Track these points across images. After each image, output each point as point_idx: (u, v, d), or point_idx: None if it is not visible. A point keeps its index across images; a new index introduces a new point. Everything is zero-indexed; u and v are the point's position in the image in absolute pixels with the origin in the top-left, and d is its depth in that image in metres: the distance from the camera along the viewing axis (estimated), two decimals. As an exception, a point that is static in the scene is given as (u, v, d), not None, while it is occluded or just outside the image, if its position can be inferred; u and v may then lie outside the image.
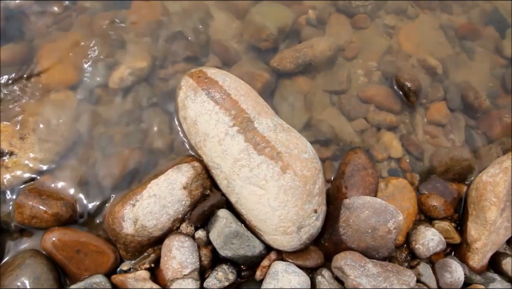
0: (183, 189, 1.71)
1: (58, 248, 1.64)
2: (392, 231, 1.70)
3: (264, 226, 1.66)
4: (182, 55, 2.12)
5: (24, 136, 1.83)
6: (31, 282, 1.56)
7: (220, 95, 1.75)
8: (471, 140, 2.21)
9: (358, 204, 1.73)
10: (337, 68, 2.26)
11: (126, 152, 1.89)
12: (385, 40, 2.40)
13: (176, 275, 1.63)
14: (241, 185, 1.65)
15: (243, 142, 1.66)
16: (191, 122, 1.79)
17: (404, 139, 2.15)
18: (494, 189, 1.88)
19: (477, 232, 1.90)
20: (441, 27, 2.48)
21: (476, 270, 1.90)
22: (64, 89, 1.97)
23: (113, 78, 2.01)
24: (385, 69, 2.30)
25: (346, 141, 2.09)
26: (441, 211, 1.97)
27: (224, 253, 1.68)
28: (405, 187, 1.98)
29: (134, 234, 1.66)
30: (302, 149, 1.69)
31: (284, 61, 2.15)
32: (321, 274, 1.69)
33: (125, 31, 2.15)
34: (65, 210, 1.71)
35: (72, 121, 1.91)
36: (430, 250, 1.84)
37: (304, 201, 1.64)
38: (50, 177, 1.79)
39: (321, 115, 2.14)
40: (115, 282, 1.64)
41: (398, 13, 2.49)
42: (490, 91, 2.32)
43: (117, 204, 1.71)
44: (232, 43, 2.22)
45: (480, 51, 2.45)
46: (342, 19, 2.41)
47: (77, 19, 2.15)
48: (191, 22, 2.22)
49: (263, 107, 1.79)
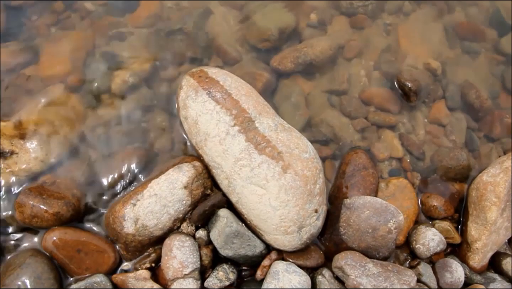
0: (184, 189, 1.71)
1: (59, 247, 1.65)
2: (393, 231, 1.70)
3: (264, 226, 1.66)
4: (183, 55, 2.12)
5: (25, 136, 1.83)
6: (32, 281, 1.56)
7: (221, 95, 1.75)
8: (471, 140, 2.20)
9: (358, 203, 1.73)
10: (338, 68, 2.26)
11: (127, 151, 1.89)
12: (386, 40, 2.40)
13: (177, 274, 1.63)
14: (242, 184, 1.65)
15: (244, 142, 1.66)
16: (192, 122, 1.79)
17: (405, 139, 2.15)
18: (495, 189, 1.88)
19: (477, 232, 1.91)
20: (441, 27, 2.48)
21: (476, 270, 1.90)
22: (66, 88, 1.97)
23: (115, 78, 2.01)
24: (386, 69, 2.29)
25: (347, 141, 2.09)
26: (442, 211, 1.97)
27: (224, 252, 1.68)
28: (405, 187, 1.98)
29: (135, 234, 1.66)
30: (303, 149, 1.69)
31: (285, 61, 2.15)
32: (322, 274, 1.69)
33: (127, 32, 2.15)
34: (65, 209, 1.71)
35: (73, 121, 1.91)
36: (430, 250, 1.85)
37: (304, 200, 1.64)
38: (51, 176, 1.80)
39: (322, 115, 2.14)
40: (116, 282, 1.64)
41: (398, 13, 2.49)
42: (490, 91, 2.32)
43: (117, 203, 1.71)
44: (233, 43, 2.22)
45: (480, 51, 2.44)
46: (343, 20, 2.40)
47: (78, 20, 2.16)
48: (192, 22, 2.22)
49: (264, 107, 1.79)
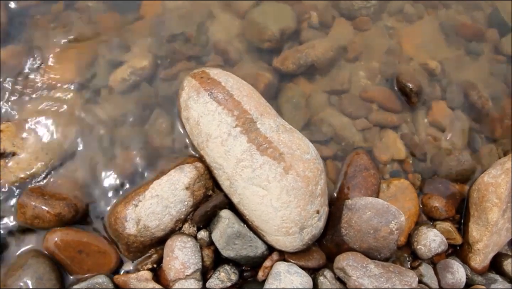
0: (185, 190, 1.71)
1: (61, 248, 1.64)
2: (394, 231, 1.70)
3: (266, 227, 1.66)
4: (185, 56, 2.12)
5: (27, 136, 1.83)
6: (34, 282, 1.56)
7: (222, 96, 1.75)
8: (473, 141, 2.20)
9: (360, 204, 1.73)
10: (339, 69, 2.26)
11: (128, 152, 1.89)
12: (387, 41, 2.40)
13: (179, 275, 1.63)
14: (243, 185, 1.65)
15: (245, 143, 1.66)
16: (193, 123, 1.79)
17: (406, 140, 2.15)
18: (496, 190, 1.88)
19: (478, 233, 1.91)
20: (442, 28, 2.48)
21: (477, 271, 1.90)
22: (67, 89, 1.97)
23: (116, 78, 2.01)
24: (387, 70, 2.29)
25: (348, 142, 2.09)
26: (443, 212, 1.97)
27: (226, 253, 1.68)
28: (407, 188, 1.98)
29: (137, 234, 1.66)
30: (305, 150, 1.69)
31: (287, 62, 2.15)
32: (323, 275, 1.69)
33: (128, 31, 2.15)
34: (67, 210, 1.70)
35: (74, 122, 1.91)
36: (432, 251, 1.85)
37: (306, 201, 1.64)
38: (53, 177, 1.79)
39: (323, 115, 2.14)
40: (118, 283, 1.64)
41: (399, 14, 2.49)
42: (492, 92, 2.32)
43: (119, 204, 1.71)
44: (235, 44, 2.22)
45: (481, 52, 2.44)
46: (344, 21, 2.40)
47: (79, 19, 2.15)
48: (193, 22, 2.22)
49: (265, 108, 1.79)
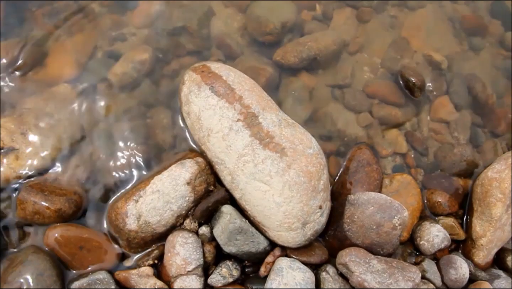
0: (186, 185, 1.70)
1: (61, 244, 1.64)
2: (397, 227, 1.69)
3: (268, 222, 1.65)
4: (185, 50, 2.10)
5: (26, 132, 1.81)
6: (34, 278, 1.55)
7: (224, 90, 1.73)
8: (476, 135, 2.19)
9: (363, 200, 1.72)
10: (342, 63, 2.23)
11: (129, 148, 1.87)
12: (390, 34, 2.37)
13: (180, 271, 1.62)
14: (245, 180, 1.64)
15: (247, 137, 1.65)
16: (194, 117, 1.77)
17: (409, 135, 2.13)
18: (500, 185, 1.86)
19: (482, 228, 1.89)
20: (447, 20, 2.45)
21: (481, 266, 1.90)
22: (66, 84, 1.96)
23: (115, 72, 1.99)
24: (390, 64, 2.27)
25: (351, 137, 2.07)
26: (446, 207, 1.96)
27: (228, 249, 1.67)
28: (409, 183, 1.97)
29: (138, 230, 1.65)
30: (307, 144, 1.68)
31: (288, 55, 2.12)
32: (326, 271, 1.68)
33: (128, 25, 2.13)
34: (67, 206, 1.69)
35: (74, 117, 1.89)
36: (435, 247, 1.84)
37: (309, 196, 1.62)
38: (53, 173, 1.78)
39: (325, 110, 2.12)
40: (119, 279, 1.63)
41: (403, 7, 2.46)
42: (496, 87, 2.30)
43: (120, 199, 1.70)
44: (236, 37, 2.19)
45: (486, 46, 2.42)
46: (347, 13, 2.37)
47: (78, 14, 2.13)
48: (194, 16, 2.20)
49: (267, 102, 1.77)
